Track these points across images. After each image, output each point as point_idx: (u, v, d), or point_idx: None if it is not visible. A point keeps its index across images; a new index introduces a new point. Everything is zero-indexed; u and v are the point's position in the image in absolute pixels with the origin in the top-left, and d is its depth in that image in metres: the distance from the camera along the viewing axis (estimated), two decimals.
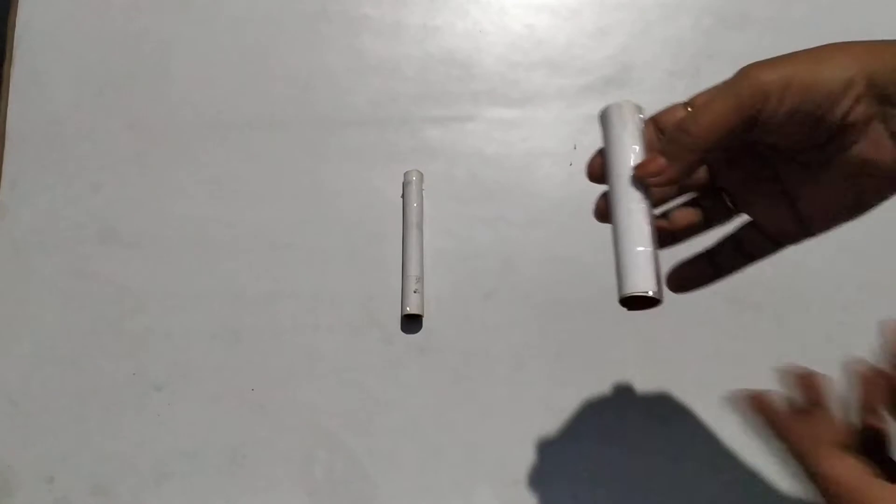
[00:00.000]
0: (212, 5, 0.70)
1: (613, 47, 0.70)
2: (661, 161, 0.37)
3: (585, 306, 0.63)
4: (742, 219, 0.42)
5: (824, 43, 0.35)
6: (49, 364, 0.62)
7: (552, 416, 0.61)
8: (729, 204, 0.41)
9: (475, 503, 0.60)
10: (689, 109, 0.38)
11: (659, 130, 0.40)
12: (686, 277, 0.42)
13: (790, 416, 0.36)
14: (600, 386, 0.61)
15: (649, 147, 0.39)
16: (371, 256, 0.65)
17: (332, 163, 0.67)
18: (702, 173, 0.41)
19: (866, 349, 0.33)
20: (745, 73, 0.35)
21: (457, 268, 0.64)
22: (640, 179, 0.38)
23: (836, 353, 0.64)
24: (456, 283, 0.64)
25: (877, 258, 0.63)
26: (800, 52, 0.36)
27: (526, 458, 0.60)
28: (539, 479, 0.60)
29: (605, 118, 0.41)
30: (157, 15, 0.70)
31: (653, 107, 0.69)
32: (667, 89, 0.69)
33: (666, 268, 0.42)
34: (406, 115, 0.67)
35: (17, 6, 0.70)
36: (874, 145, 0.34)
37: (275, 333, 0.63)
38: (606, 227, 0.40)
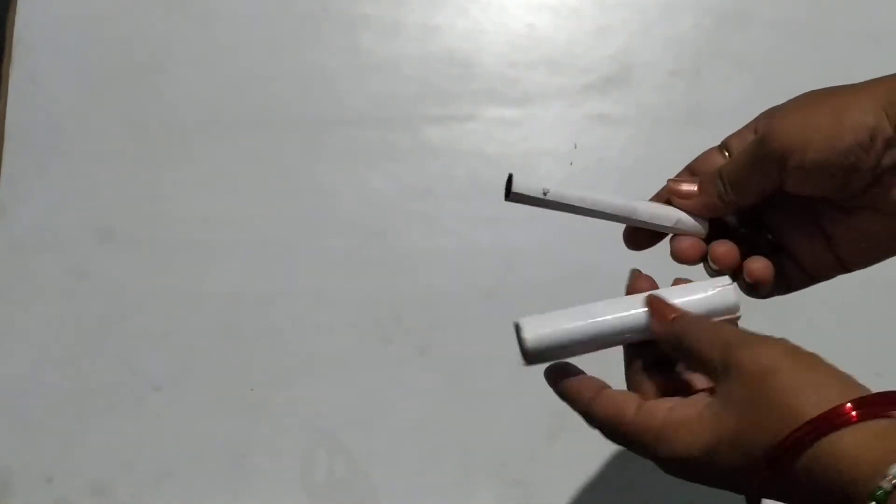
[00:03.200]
0: (211, 5, 0.70)
1: (614, 46, 0.70)
2: (694, 188, 0.37)
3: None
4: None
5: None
6: (48, 364, 0.62)
7: (552, 416, 0.61)
8: (769, 237, 0.40)
9: (475, 503, 0.59)
10: (727, 154, 0.38)
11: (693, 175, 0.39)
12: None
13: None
14: None
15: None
16: (371, 256, 0.65)
17: (332, 162, 0.67)
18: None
19: (866, 348, 0.33)
20: (766, 131, 0.34)
21: (457, 268, 0.64)
22: (671, 193, 0.38)
23: (837, 354, 0.64)
24: (456, 283, 0.64)
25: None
26: (821, 94, 0.35)
27: (526, 458, 0.60)
28: (539, 479, 0.60)
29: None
30: (157, 14, 0.70)
31: (654, 106, 0.69)
32: (668, 89, 0.69)
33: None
34: (406, 114, 0.67)
35: (16, 6, 0.70)
36: None
37: (275, 333, 0.63)
38: (606, 227, 0.40)
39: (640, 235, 0.40)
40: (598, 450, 0.60)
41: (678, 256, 0.39)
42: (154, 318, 0.63)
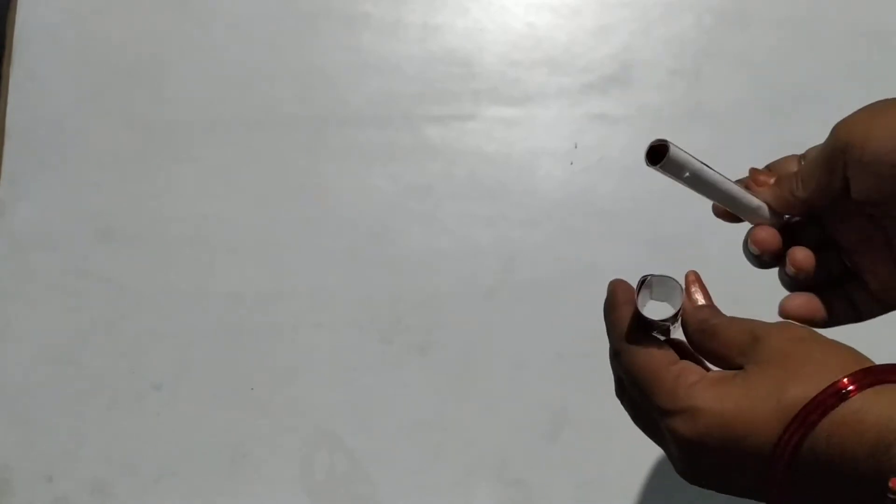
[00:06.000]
0: (211, 4, 0.70)
1: (615, 46, 0.70)
2: (771, 179, 0.38)
3: (586, 306, 0.63)
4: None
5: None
6: (48, 363, 0.62)
7: (552, 416, 0.61)
8: (843, 260, 0.39)
9: (475, 503, 0.59)
10: (803, 163, 0.38)
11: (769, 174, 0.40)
12: (805, 317, 0.40)
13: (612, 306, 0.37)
14: (601, 385, 0.61)
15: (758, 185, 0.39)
16: (371, 256, 0.65)
17: (332, 162, 0.67)
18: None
19: (869, 349, 0.33)
20: (833, 129, 0.35)
21: (457, 268, 0.64)
22: (751, 178, 0.38)
23: None
24: (456, 283, 0.64)
25: None
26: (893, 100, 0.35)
27: (526, 458, 0.60)
28: (539, 479, 0.60)
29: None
30: (156, 13, 0.70)
31: (654, 106, 0.69)
32: (668, 88, 0.69)
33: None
34: (406, 113, 0.67)
35: (16, 5, 0.70)
36: None
37: (274, 333, 0.63)
38: (606, 226, 0.40)
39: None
40: (599, 450, 0.60)
41: (758, 244, 0.39)
42: (154, 318, 0.63)
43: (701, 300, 0.36)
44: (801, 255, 0.38)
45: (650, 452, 0.59)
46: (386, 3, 0.71)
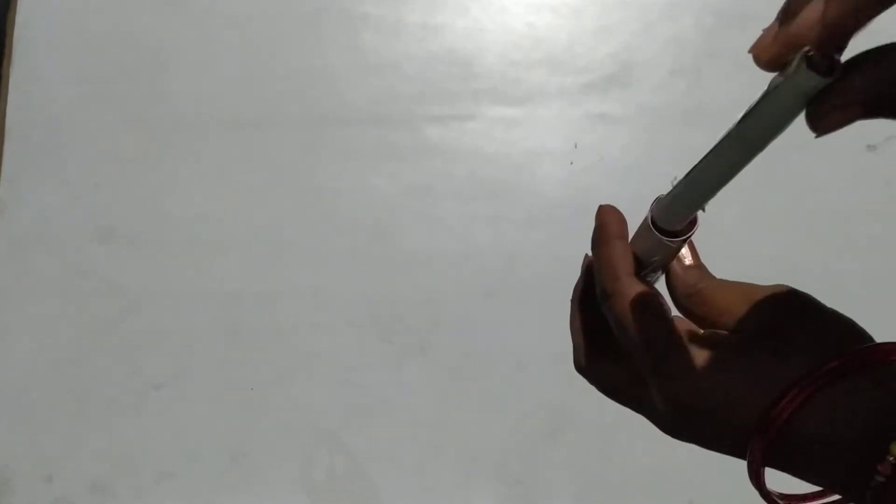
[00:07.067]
0: (211, 4, 0.70)
1: (615, 46, 0.70)
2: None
3: None
4: None
5: None
6: (48, 364, 0.62)
7: (552, 416, 0.61)
8: None
9: (475, 503, 0.59)
10: None
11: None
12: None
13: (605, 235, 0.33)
14: None
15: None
16: (371, 256, 0.64)
17: (333, 162, 0.67)
18: None
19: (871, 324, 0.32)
20: None
21: (457, 268, 0.64)
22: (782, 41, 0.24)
23: None
24: (456, 283, 0.64)
25: (877, 257, 0.63)
26: None
27: (526, 458, 0.60)
28: (539, 479, 0.60)
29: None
30: (156, 13, 0.70)
31: (654, 106, 0.69)
32: (668, 88, 0.68)
33: None
34: (406, 113, 0.67)
35: (16, 5, 0.70)
36: None
37: (275, 333, 0.63)
38: None
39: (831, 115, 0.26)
40: (599, 450, 0.60)
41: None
42: (154, 318, 0.63)
43: (689, 260, 0.34)
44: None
45: (650, 453, 0.59)
46: (386, 3, 0.71)
